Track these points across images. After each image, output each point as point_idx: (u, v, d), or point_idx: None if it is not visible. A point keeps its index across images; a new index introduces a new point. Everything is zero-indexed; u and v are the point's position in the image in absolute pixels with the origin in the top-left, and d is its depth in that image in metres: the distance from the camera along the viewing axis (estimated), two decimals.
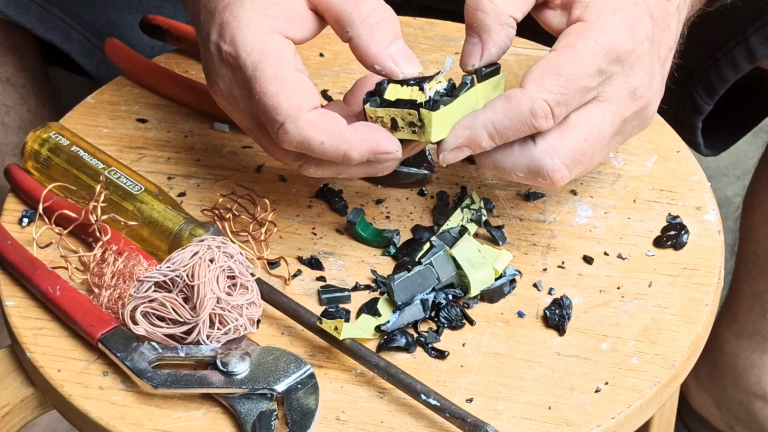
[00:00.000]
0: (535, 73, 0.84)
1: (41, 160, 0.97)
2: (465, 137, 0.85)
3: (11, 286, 0.91)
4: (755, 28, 1.15)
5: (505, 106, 0.83)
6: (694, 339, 0.88)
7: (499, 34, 0.86)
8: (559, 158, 0.85)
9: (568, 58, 0.83)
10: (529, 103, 0.83)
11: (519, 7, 0.86)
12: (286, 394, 0.82)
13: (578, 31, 0.84)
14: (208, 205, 0.96)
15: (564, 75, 0.83)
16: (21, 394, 0.89)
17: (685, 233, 0.95)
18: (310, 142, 0.83)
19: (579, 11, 0.85)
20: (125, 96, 1.07)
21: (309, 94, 0.84)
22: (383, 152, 0.85)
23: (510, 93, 0.84)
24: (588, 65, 0.83)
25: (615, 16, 0.85)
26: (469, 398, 0.84)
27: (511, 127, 0.84)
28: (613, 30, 0.84)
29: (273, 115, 0.84)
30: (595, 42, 0.84)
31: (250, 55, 0.84)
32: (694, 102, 1.23)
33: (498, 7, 0.85)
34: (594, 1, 0.85)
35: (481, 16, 0.85)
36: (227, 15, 0.86)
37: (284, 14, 0.86)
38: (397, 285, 0.88)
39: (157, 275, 0.84)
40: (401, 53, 0.86)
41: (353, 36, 0.86)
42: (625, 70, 0.85)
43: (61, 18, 1.16)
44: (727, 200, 1.94)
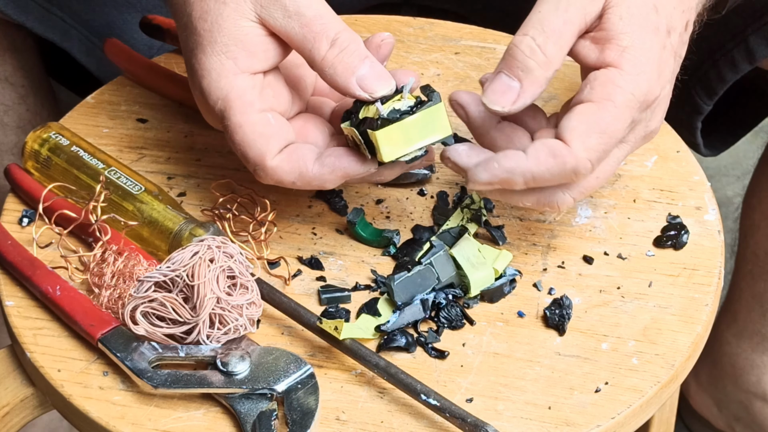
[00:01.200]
0: (579, 130, 0.83)
1: (41, 160, 0.97)
2: (500, 179, 0.85)
3: (11, 286, 0.91)
4: (754, 29, 1.15)
5: (549, 161, 0.83)
6: (694, 339, 0.88)
7: (542, 86, 0.85)
8: (570, 194, 0.87)
9: (609, 114, 0.84)
10: (575, 162, 0.83)
11: (562, 57, 0.86)
12: (286, 394, 0.82)
13: (614, 80, 0.84)
14: (208, 205, 0.96)
15: (608, 132, 0.84)
16: (21, 394, 0.89)
17: (685, 233, 0.95)
18: (283, 183, 0.87)
19: (615, 54, 0.85)
20: (125, 96, 1.07)
21: (273, 139, 0.86)
22: (354, 175, 0.87)
23: (555, 148, 0.83)
24: (626, 119, 0.84)
25: (649, 64, 0.85)
26: (469, 398, 0.84)
27: (550, 180, 0.84)
28: (648, 80, 0.85)
29: (244, 161, 0.88)
30: (632, 95, 0.84)
31: (216, 103, 0.87)
32: (693, 102, 1.23)
33: (550, 62, 0.85)
34: (631, 46, 0.85)
35: (531, 64, 0.85)
36: (193, 61, 0.88)
37: (246, 51, 0.87)
38: (397, 285, 0.88)
39: (157, 275, 0.84)
40: (368, 77, 0.86)
41: (317, 72, 0.87)
42: (648, 116, 0.87)
43: (60, 17, 1.16)
44: (727, 200, 1.94)
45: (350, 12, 1.16)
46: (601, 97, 0.84)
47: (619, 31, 0.85)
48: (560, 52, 0.85)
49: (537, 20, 0.85)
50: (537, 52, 0.84)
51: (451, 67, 1.10)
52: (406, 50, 1.11)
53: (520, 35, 0.85)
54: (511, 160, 0.84)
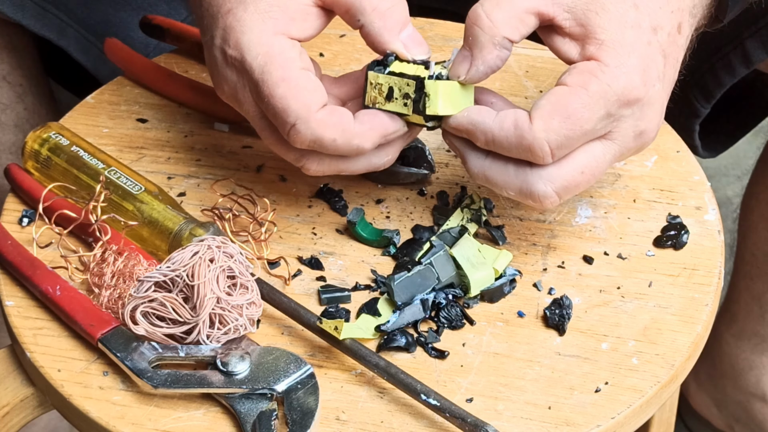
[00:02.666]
0: (544, 109, 0.83)
1: (41, 160, 0.97)
2: (465, 128, 0.86)
3: (11, 286, 0.91)
4: (751, 33, 1.15)
5: (510, 130, 0.84)
6: (694, 339, 0.88)
7: (491, 52, 0.86)
8: (552, 186, 0.86)
9: (579, 99, 0.83)
10: (531, 140, 0.83)
11: (517, 30, 0.86)
12: (286, 394, 0.82)
13: (592, 70, 0.84)
14: (208, 205, 0.96)
15: (572, 118, 0.83)
16: (21, 394, 0.89)
17: (685, 233, 0.95)
18: (323, 140, 0.85)
19: (594, 48, 0.84)
20: (125, 96, 1.07)
21: (317, 93, 0.86)
22: (391, 132, 0.87)
23: (519, 120, 0.84)
24: (597, 110, 0.83)
25: (630, 58, 0.84)
26: (469, 398, 0.84)
27: (508, 149, 0.85)
28: (628, 74, 0.84)
29: (283, 117, 0.85)
30: (608, 86, 0.83)
31: (256, 59, 0.85)
32: (690, 105, 1.23)
33: (495, 26, 0.85)
34: (609, 40, 0.84)
35: (476, 31, 0.86)
36: (230, 19, 0.87)
37: (287, 15, 0.87)
38: (397, 285, 0.88)
39: (157, 275, 0.84)
40: (412, 38, 0.88)
41: (365, 23, 0.87)
42: (635, 113, 0.85)
43: (56, 15, 1.16)
44: (727, 200, 1.94)
45: None
46: (575, 82, 0.84)
47: (597, 25, 0.85)
48: (510, 19, 0.85)
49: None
50: (482, 17, 0.85)
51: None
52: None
53: (474, 6, 0.86)
54: (480, 115, 0.86)
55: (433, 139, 1.02)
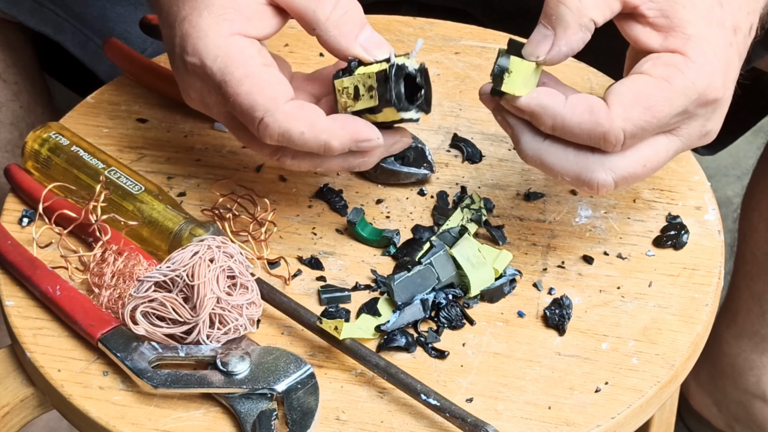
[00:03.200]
0: (625, 97, 0.81)
1: (41, 159, 0.97)
2: (532, 110, 0.83)
3: (11, 286, 0.91)
4: None
5: (584, 115, 0.81)
6: (694, 339, 0.88)
7: (576, 33, 0.82)
8: (612, 175, 0.84)
9: (662, 93, 0.81)
10: (608, 126, 0.81)
11: (603, 12, 0.83)
12: (286, 394, 0.82)
13: (677, 64, 0.82)
14: (208, 205, 0.96)
15: (653, 110, 0.81)
16: (21, 394, 0.89)
17: (685, 233, 0.95)
18: (291, 134, 0.84)
19: (680, 42, 0.82)
20: (125, 96, 1.07)
21: (281, 86, 0.85)
22: (364, 139, 0.85)
23: (595, 105, 0.81)
24: (678, 105, 0.82)
25: (715, 57, 0.82)
26: (469, 398, 0.84)
27: (577, 135, 0.82)
28: (712, 73, 0.82)
29: (251, 113, 0.84)
30: (692, 83, 0.82)
31: (215, 62, 0.85)
32: None
33: (583, 7, 0.82)
34: (696, 35, 0.82)
35: (562, 9, 0.82)
36: (186, 26, 0.86)
37: (243, 15, 0.86)
38: (397, 285, 0.88)
39: (157, 275, 0.84)
40: (370, 41, 0.87)
41: (320, 33, 0.86)
42: (707, 114, 0.84)
43: (52, 10, 1.16)
44: (727, 200, 1.94)
45: None
46: (660, 74, 0.82)
47: (684, 19, 0.83)
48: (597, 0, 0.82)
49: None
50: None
51: (451, 67, 1.10)
52: (406, 50, 1.11)
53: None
54: (550, 97, 0.82)
55: (433, 139, 1.02)
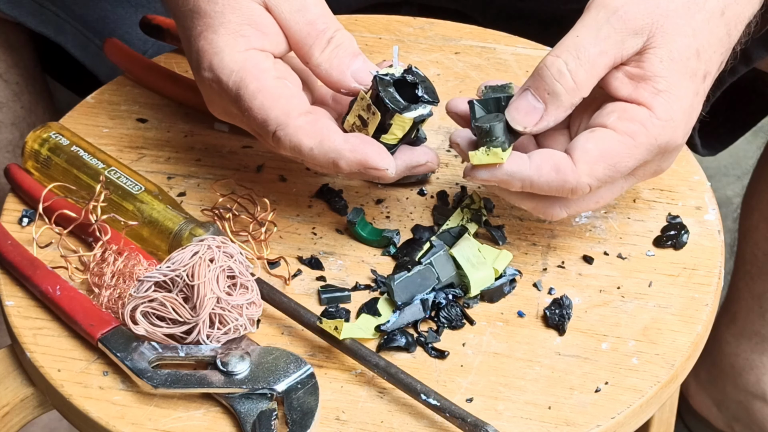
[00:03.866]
0: (590, 155, 0.83)
1: (41, 159, 0.97)
2: (499, 180, 0.85)
3: (11, 286, 0.91)
4: None
5: (551, 174, 0.83)
6: (694, 339, 0.88)
7: (566, 111, 0.85)
8: (567, 210, 0.88)
9: (626, 150, 0.84)
10: (575, 184, 0.84)
11: (591, 86, 0.85)
12: (286, 393, 0.82)
13: (642, 121, 0.84)
14: (208, 205, 0.96)
15: (617, 167, 0.84)
16: (21, 394, 0.89)
17: (685, 233, 0.95)
18: (301, 148, 0.85)
19: (648, 96, 0.84)
20: (125, 96, 1.07)
21: (295, 99, 0.86)
22: (372, 167, 0.85)
23: (560, 164, 0.83)
24: (639, 158, 0.85)
25: (681, 112, 0.85)
26: (469, 398, 0.84)
27: (547, 191, 0.85)
28: (675, 129, 0.85)
29: (265, 127, 0.86)
30: (655, 139, 0.84)
31: (230, 77, 0.86)
32: None
33: (578, 89, 0.84)
34: (665, 91, 0.84)
35: (558, 89, 0.84)
36: (202, 42, 0.88)
37: (259, 31, 0.87)
38: (397, 285, 0.88)
39: (157, 275, 0.84)
40: (361, 71, 0.88)
41: (314, 67, 0.88)
42: (664, 159, 0.88)
43: (53, 11, 1.16)
44: (727, 200, 1.94)
45: (349, 11, 1.16)
46: (624, 130, 0.84)
47: (657, 74, 0.84)
48: (590, 80, 0.84)
49: (572, 45, 0.84)
50: (567, 77, 0.84)
51: (451, 67, 1.10)
52: (406, 50, 1.11)
53: (553, 56, 0.84)
54: (514, 164, 0.84)
55: (432, 139, 1.02)
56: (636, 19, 0.84)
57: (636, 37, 0.84)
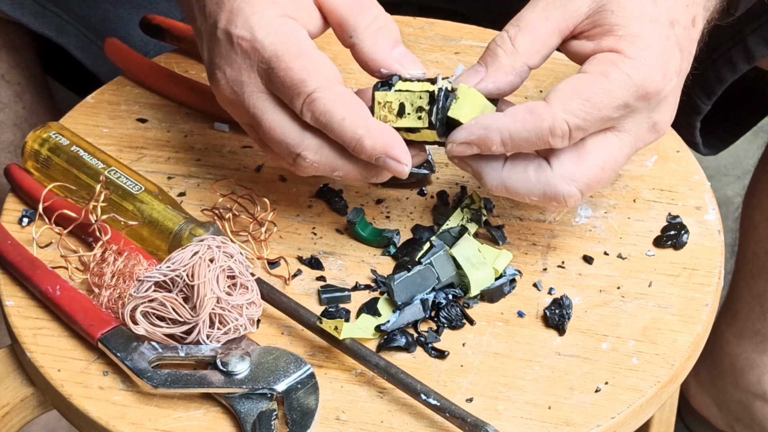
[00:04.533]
0: (563, 92, 0.83)
1: (41, 159, 0.97)
2: (477, 135, 0.84)
3: (11, 286, 0.91)
4: (752, 29, 1.15)
5: (526, 117, 0.83)
6: (694, 339, 0.88)
7: (507, 75, 0.86)
8: (575, 185, 0.85)
9: (599, 85, 0.83)
10: (551, 121, 0.82)
11: (539, 54, 0.86)
12: (286, 393, 0.82)
13: (612, 60, 0.84)
14: (208, 205, 0.96)
15: (591, 101, 0.83)
16: (21, 394, 0.89)
17: (685, 233, 0.95)
18: (332, 115, 0.84)
19: (612, 41, 0.84)
20: (125, 96, 1.07)
21: (335, 71, 0.85)
22: (394, 157, 0.85)
23: (533, 105, 0.83)
24: (616, 98, 0.83)
25: (649, 52, 0.84)
26: (469, 398, 0.84)
27: (526, 138, 0.83)
28: (648, 66, 0.84)
29: (301, 87, 0.84)
30: (628, 76, 0.83)
31: (268, 37, 0.85)
32: (692, 102, 1.23)
33: (517, 53, 0.85)
34: (628, 34, 0.84)
35: (498, 51, 0.86)
36: (239, 2, 0.86)
37: (294, 6, 0.87)
38: (397, 285, 0.88)
39: (157, 275, 0.84)
40: (405, 56, 0.88)
41: (356, 42, 0.87)
42: (651, 107, 0.86)
43: (56, 13, 1.16)
44: (727, 200, 1.94)
45: None
46: (596, 70, 0.84)
47: (614, 24, 0.85)
48: (531, 44, 0.85)
49: (515, 18, 0.86)
50: (507, 41, 0.85)
51: (451, 67, 1.10)
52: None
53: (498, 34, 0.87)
54: (488, 117, 0.84)
55: None
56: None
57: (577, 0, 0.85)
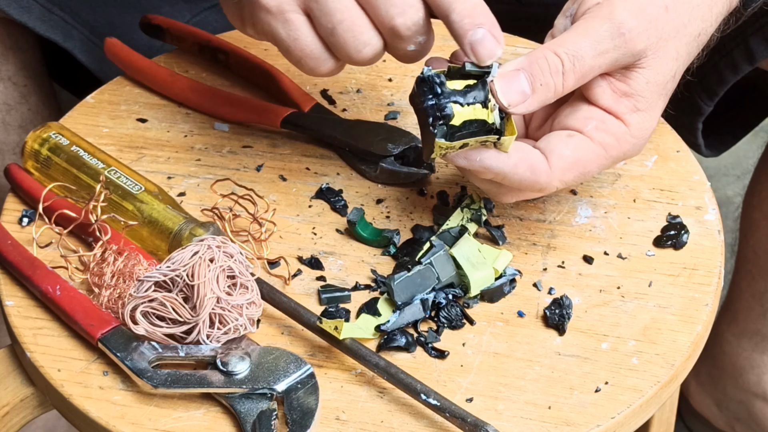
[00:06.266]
0: (566, 161, 0.86)
1: (41, 159, 0.97)
2: (476, 168, 0.86)
3: (11, 286, 0.91)
4: (754, 30, 1.15)
5: (526, 174, 0.85)
6: (694, 339, 0.88)
7: (540, 106, 0.85)
8: (518, 198, 0.89)
9: (597, 160, 0.87)
10: (546, 185, 0.86)
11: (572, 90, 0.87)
12: (286, 393, 0.82)
13: (618, 136, 0.87)
14: (208, 205, 0.96)
15: (585, 174, 0.87)
16: (21, 394, 0.89)
17: (685, 233, 0.95)
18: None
19: (627, 111, 0.87)
20: (125, 96, 1.07)
21: None
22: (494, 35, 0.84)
23: (535, 166, 0.85)
24: (604, 167, 0.88)
25: (649, 131, 0.88)
26: (469, 398, 0.84)
27: (517, 186, 0.87)
28: (641, 146, 0.89)
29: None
30: (623, 155, 0.88)
31: None
32: (694, 103, 1.23)
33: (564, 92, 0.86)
34: (643, 110, 0.87)
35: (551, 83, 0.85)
36: None
37: None
38: (397, 285, 0.88)
39: (157, 275, 0.84)
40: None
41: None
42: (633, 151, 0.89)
43: (61, 17, 1.16)
44: (727, 200, 1.94)
45: None
46: (600, 141, 0.86)
47: (640, 93, 0.87)
48: (576, 86, 0.86)
49: (572, 50, 0.84)
50: (560, 77, 0.85)
51: None
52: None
53: (551, 53, 0.85)
54: (493, 160, 0.85)
55: None
56: (637, 41, 0.85)
57: (633, 57, 0.86)
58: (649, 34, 0.85)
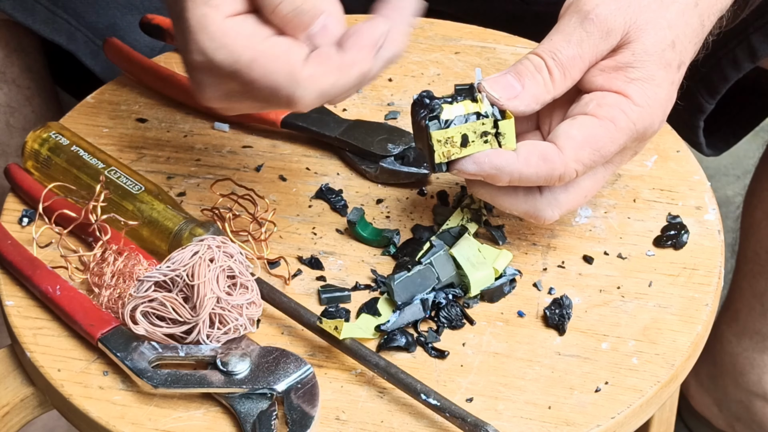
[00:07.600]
0: (575, 140, 0.85)
1: (41, 159, 0.97)
2: (487, 174, 0.86)
3: (11, 286, 0.91)
4: (756, 27, 1.15)
5: (539, 164, 0.85)
6: (694, 339, 0.88)
7: (537, 105, 0.86)
8: (558, 210, 0.88)
9: (608, 134, 0.86)
10: (563, 169, 0.85)
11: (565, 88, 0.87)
12: (286, 393, 0.82)
13: (621, 106, 0.86)
14: (208, 205, 0.96)
15: (601, 151, 0.86)
16: (21, 394, 0.89)
17: (685, 233, 0.95)
18: (326, 91, 0.80)
19: (622, 83, 0.87)
20: (125, 96, 1.07)
21: (292, 50, 0.80)
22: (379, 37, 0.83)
23: (546, 152, 0.85)
24: (620, 143, 0.87)
25: (655, 99, 0.87)
26: (469, 398, 0.84)
27: (535, 181, 0.86)
28: (652, 115, 0.87)
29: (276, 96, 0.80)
30: (633, 124, 0.86)
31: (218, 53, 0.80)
32: (695, 101, 1.23)
33: (554, 87, 0.87)
34: (640, 78, 0.87)
35: (538, 78, 0.87)
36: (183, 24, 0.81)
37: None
38: (397, 285, 0.88)
39: (157, 275, 0.84)
40: None
41: None
42: (641, 145, 0.90)
43: (65, 19, 1.16)
44: (727, 200, 1.94)
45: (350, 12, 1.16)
46: (605, 116, 0.86)
47: (629, 64, 0.87)
48: (564, 82, 0.87)
49: (548, 47, 0.87)
50: (545, 72, 0.87)
51: (451, 67, 1.10)
52: (407, 50, 1.11)
53: (533, 55, 0.87)
54: (502, 158, 0.85)
55: None
56: (608, 20, 0.86)
57: (609, 37, 0.86)
58: (621, 9, 0.86)
